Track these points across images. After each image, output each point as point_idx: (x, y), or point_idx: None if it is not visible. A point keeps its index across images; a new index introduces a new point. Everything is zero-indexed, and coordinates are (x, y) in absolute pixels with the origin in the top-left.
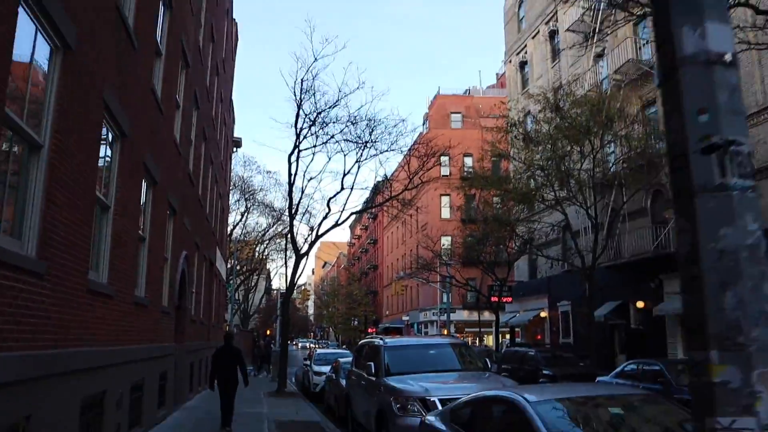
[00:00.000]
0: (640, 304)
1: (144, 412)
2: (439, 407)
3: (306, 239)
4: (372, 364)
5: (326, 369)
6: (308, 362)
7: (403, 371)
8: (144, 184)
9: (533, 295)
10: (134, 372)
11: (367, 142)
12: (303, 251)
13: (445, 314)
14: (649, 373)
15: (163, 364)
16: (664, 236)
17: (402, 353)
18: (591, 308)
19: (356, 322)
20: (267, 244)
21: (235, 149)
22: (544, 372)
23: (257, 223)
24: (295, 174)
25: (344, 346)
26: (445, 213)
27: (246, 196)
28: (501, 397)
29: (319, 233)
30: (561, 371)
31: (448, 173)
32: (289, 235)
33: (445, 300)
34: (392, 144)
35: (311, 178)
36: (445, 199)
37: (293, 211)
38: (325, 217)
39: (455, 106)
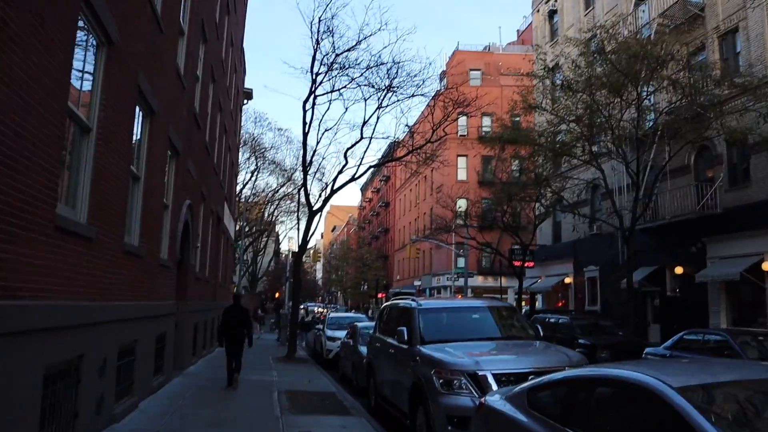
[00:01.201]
0: (678, 270)
1: (136, 380)
2: (493, 384)
3: (320, 194)
4: (404, 329)
5: (340, 334)
6: (320, 327)
7: (440, 339)
8: (138, 111)
9: (557, 259)
10: (123, 333)
11: (390, 85)
12: (316, 207)
13: (461, 279)
14: (712, 345)
15: (161, 324)
16: (710, 196)
17: (439, 317)
18: (629, 273)
19: (366, 287)
20: (277, 205)
21: (245, 101)
22: (580, 341)
23: (267, 184)
24: (310, 123)
25: (353, 311)
26: (462, 174)
27: (256, 155)
28: (620, 378)
29: (335, 188)
30: (599, 341)
31: (465, 133)
32: (302, 190)
33: (462, 264)
34: (418, 87)
35: (327, 129)
36: (462, 160)
37: (307, 163)
38: (341, 171)
39: (475, 63)
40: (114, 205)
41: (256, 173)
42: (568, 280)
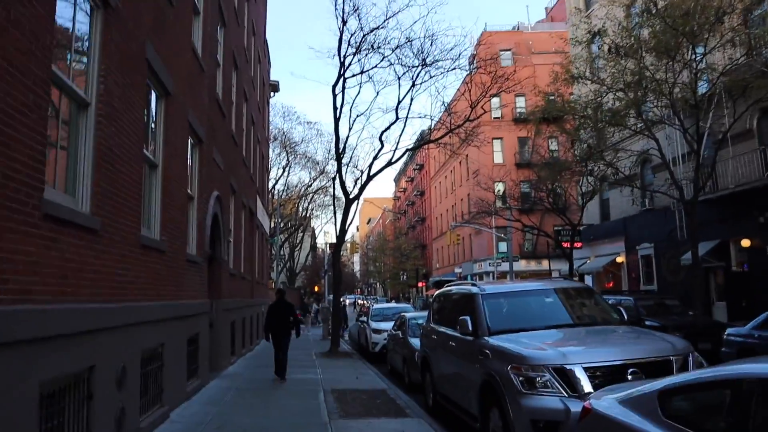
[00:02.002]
0: (745, 243)
1: (165, 388)
2: (584, 380)
3: (356, 182)
4: (467, 319)
5: (386, 326)
6: (364, 319)
7: (510, 328)
8: (151, 91)
9: (605, 238)
10: (145, 337)
11: (424, 61)
12: (352, 196)
13: (506, 263)
14: None
15: (193, 325)
16: None
17: (507, 303)
18: (694, 247)
19: (405, 277)
20: (311, 199)
21: (272, 94)
22: (648, 323)
23: (300, 179)
24: (341, 108)
25: (393, 301)
26: (498, 158)
27: (287, 149)
28: None
29: (371, 174)
30: (669, 322)
31: (500, 115)
32: (336, 179)
33: (503, 249)
34: (454, 60)
35: (359, 115)
36: (497, 143)
37: (340, 149)
38: (376, 156)
39: (504, 43)
40: (125, 193)
41: (288, 168)
42: (619, 259)
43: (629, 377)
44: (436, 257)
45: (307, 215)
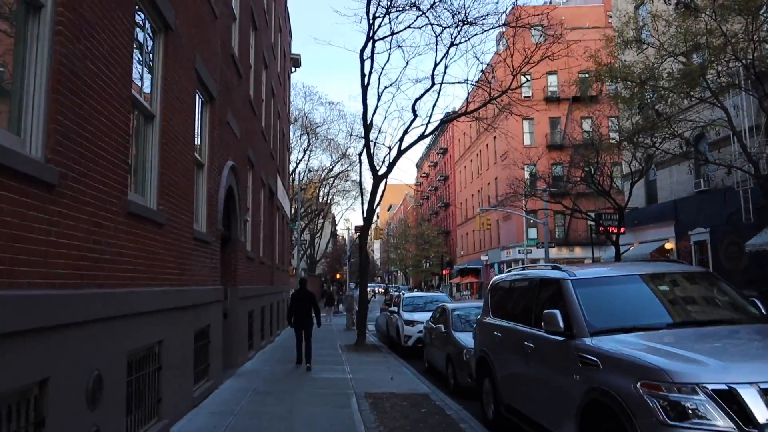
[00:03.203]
0: None
1: (165, 396)
2: (762, 407)
3: (384, 159)
4: (557, 313)
5: (419, 317)
6: (395, 309)
7: (620, 326)
8: (143, 18)
9: (652, 223)
10: (133, 334)
11: (464, 18)
12: (382, 173)
13: (538, 250)
14: None
15: (202, 316)
16: None
17: (607, 292)
18: None
19: (428, 264)
20: (332, 184)
21: (293, 69)
22: None
23: (321, 163)
24: (369, 74)
25: (415, 290)
26: (527, 140)
27: (308, 131)
28: None
29: (402, 148)
30: None
31: (530, 95)
32: (364, 153)
33: (533, 236)
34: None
35: (386, 86)
36: (527, 124)
37: (368, 121)
38: (407, 129)
39: (535, 18)
40: (102, 138)
41: (309, 151)
42: (669, 245)
43: None
44: (461, 244)
45: (328, 201)
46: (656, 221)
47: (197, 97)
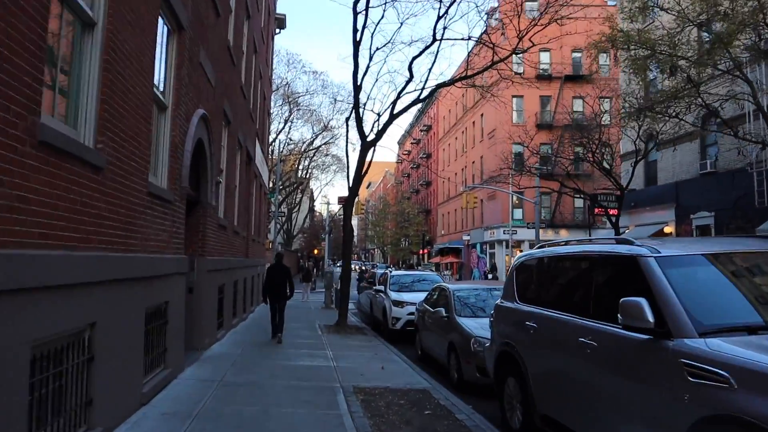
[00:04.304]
0: None
1: (97, 397)
2: None
3: (374, 125)
4: (642, 303)
5: (408, 297)
6: (381, 288)
7: (739, 324)
8: None
9: (650, 206)
10: (47, 316)
11: None
12: (371, 138)
13: (524, 231)
14: None
15: (157, 290)
16: None
17: (710, 276)
18: None
19: (407, 243)
20: (312, 158)
21: (277, 30)
22: None
23: (301, 136)
24: (363, 29)
25: (393, 267)
26: (516, 117)
27: (290, 101)
28: None
29: (394, 112)
30: None
31: (521, 71)
32: (353, 115)
33: (518, 216)
34: None
35: (378, 48)
36: (517, 102)
37: (358, 82)
38: (401, 92)
39: None
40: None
41: (290, 122)
42: (668, 229)
43: None
44: (442, 223)
45: (307, 175)
46: (655, 204)
47: (161, 19)
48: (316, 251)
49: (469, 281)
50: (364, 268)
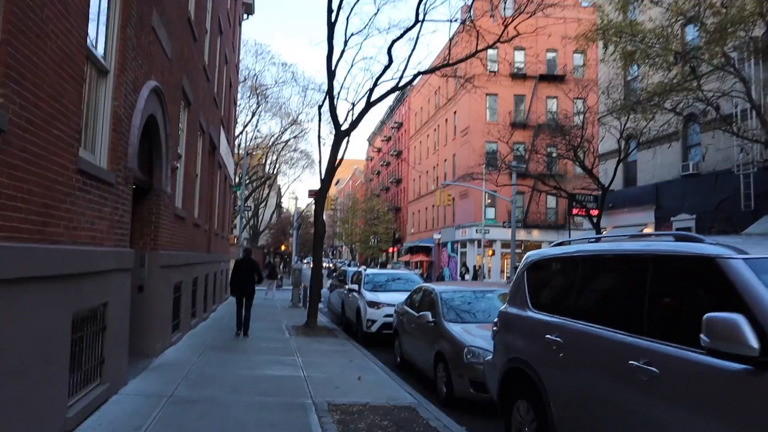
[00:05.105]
0: None
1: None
2: None
3: (348, 113)
4: (739, 321)
5: (385, 298)
6: (355, 287)
7: None
8: None
9: (629, 207)
10: None
11: None
12: (345, 128)
13: (496, 230)
14: None
15: (92, 291)
16: None
17: None
18: None
19: (377, 241)
20: (280, 153)
21: (245, 15)
22: None
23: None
24: (338, 9)
25: (362, 266)
26: (490, 116)
27: (258, 93)
28: None
29: (371, 100)
30: None
31: (495, 69)
32: (326, 102)
33: (491, 215)
34: None
35: (353, 34)
36: (491, 100)
37: (332, 67)
38: (378, 79)
39: None
40: None
41: (258, 114)
42: (647, 230)
43: None
44: (412, 221)
45: (275, 171)
46: (633, 205)
47: None
48: (283, 247)
49: (458, 282)
50: (338, 265)
